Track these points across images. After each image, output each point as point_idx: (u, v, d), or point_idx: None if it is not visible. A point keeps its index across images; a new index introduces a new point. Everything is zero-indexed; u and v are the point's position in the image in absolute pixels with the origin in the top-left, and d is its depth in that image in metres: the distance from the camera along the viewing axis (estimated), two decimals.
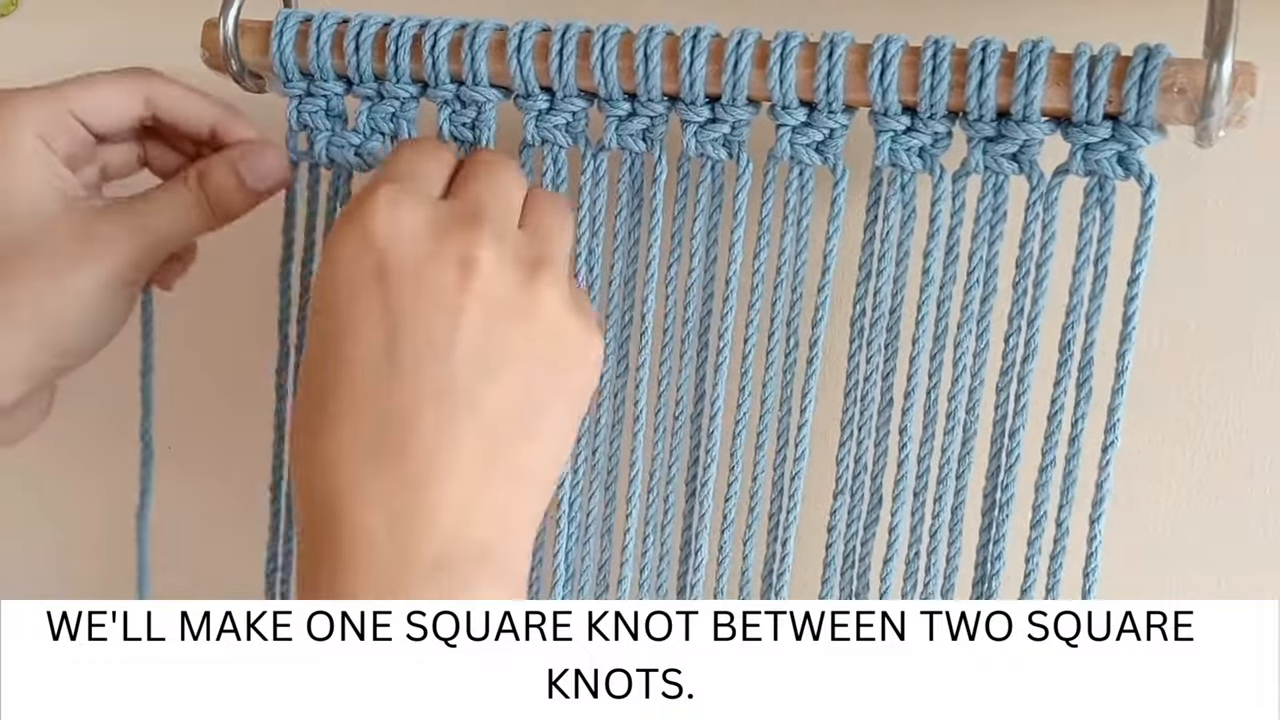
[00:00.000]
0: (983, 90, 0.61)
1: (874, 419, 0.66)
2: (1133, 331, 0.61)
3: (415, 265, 0.56)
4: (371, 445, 0.55)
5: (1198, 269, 0.70)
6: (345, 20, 0.67)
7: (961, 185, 0.63)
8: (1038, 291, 0.63)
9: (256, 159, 0.68)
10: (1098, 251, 0.62)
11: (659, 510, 0.70)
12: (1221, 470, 0.72)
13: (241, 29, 0.68)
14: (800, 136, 0.64)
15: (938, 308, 0.64)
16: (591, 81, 0.65)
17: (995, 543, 0.65)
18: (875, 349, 0.65)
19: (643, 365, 0.68)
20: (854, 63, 0.62)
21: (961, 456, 0.65)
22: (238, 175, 0.67)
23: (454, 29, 0.66)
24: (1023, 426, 0.64)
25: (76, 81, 0.66)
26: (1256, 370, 0.70)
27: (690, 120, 0.65)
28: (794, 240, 0.65)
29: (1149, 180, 0.60)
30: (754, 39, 0.63)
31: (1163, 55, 0.58)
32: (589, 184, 0.67)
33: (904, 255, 0.65)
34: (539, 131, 0.67)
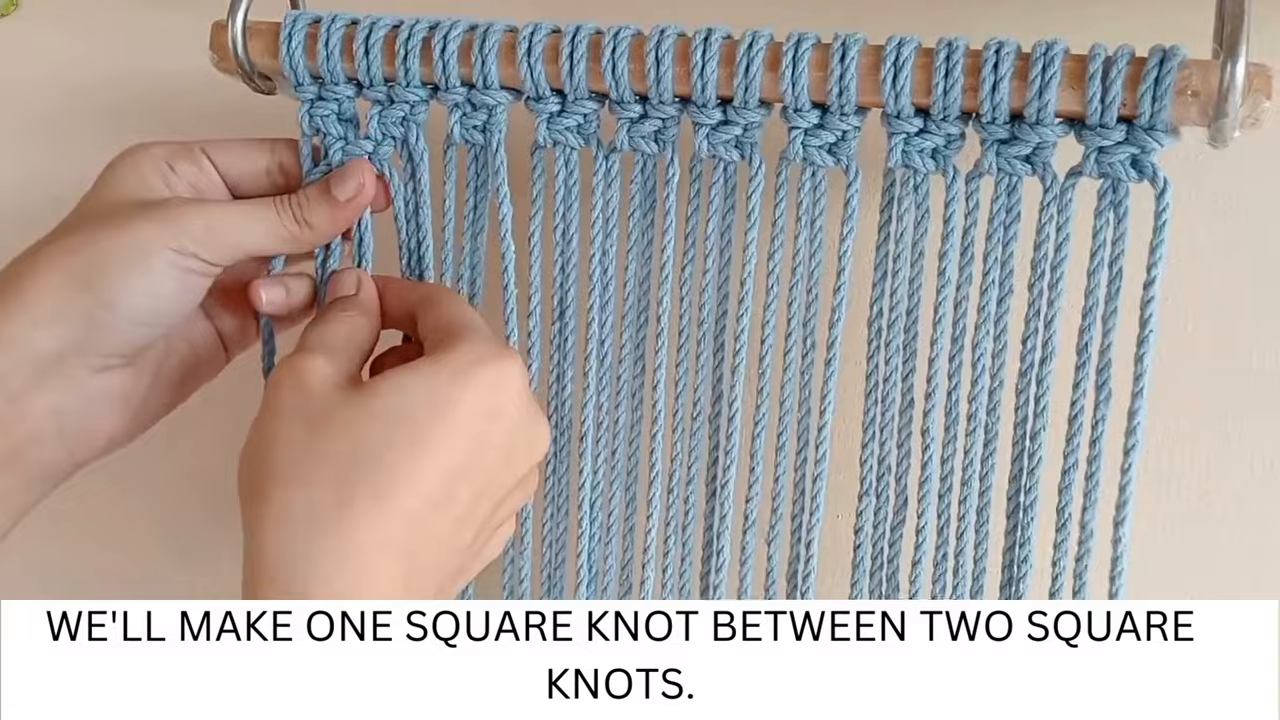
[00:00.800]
0: (996, 93, 0.60)
1: (895, 420, 0.66)
2: (1150, 334, 0.61)
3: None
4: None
5: (1197, 269, 0.69)
6: (354, 22, 0.67)
7: (975, 187, 0.63)
8: (1053, 293, 0.62)
9: (342, 170, 0.68)
10: (1112, 254, 0.61)
11: (679, 511, 0.70)
12: (1221, 470, 0.71)
13: (250, 30, 0.68)
14: (813, 138, 0.63)
15: (955, 309, 0.64)
16: (603, 83, 0.65)
17: (1022, 545, 0.65)
18: (894, 350, 0.65)
19: (659, 367, 0.67)
20: (867, 65, 0.62)
21: (985, 458, 0.65)
22: (325, 184, 0.68)
23: (464, 31, 0.66)
24: (1044, 428, 0.63)
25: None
26: (1258, 370, 0.70)
27: (702, 122, 0.64)
28: (808, 242, 0.65)
29: (1163, 183, 0.60)
30: (766, 41, 0.63)
31: (1178, 57, 0.58)
32: (601, 186, 0.67)
33: (919, 256, 0.64)
34: (551, 134, 0.66)
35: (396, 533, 0.56)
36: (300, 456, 0.57)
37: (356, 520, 0.55)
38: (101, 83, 0.82)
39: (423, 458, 0.57)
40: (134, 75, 0.81)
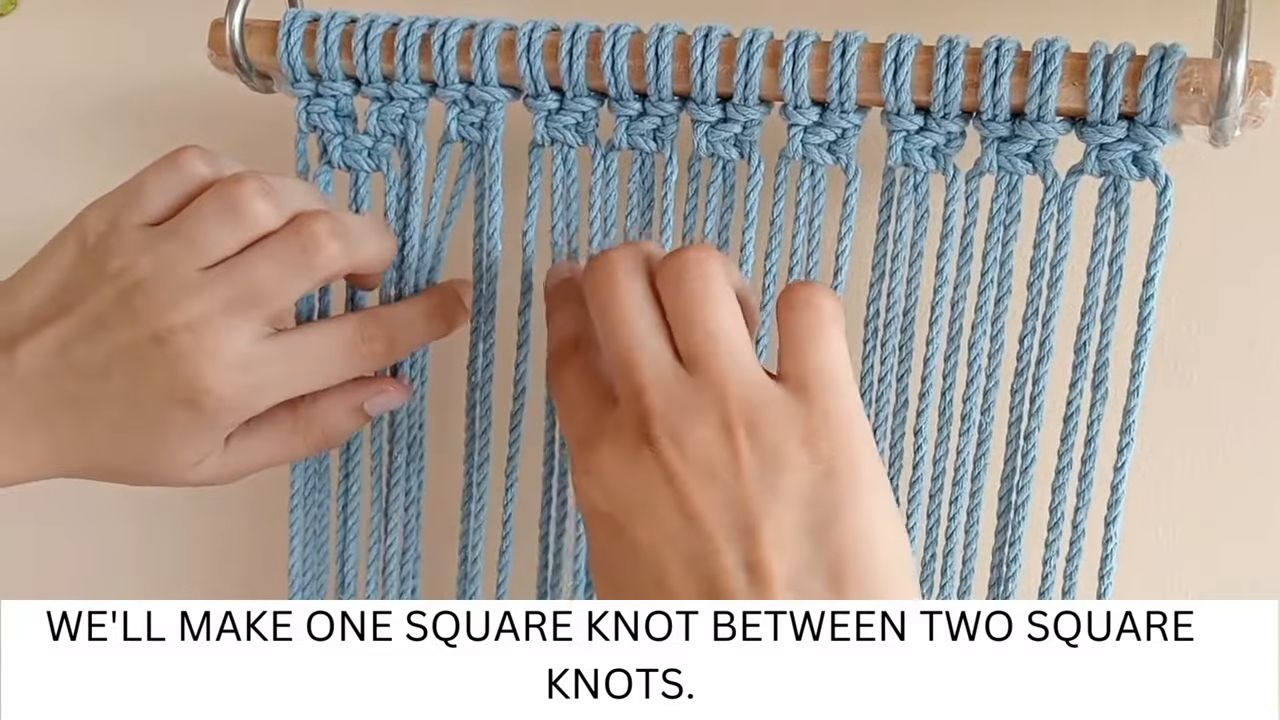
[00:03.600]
0: (997, 90, 0.60)
1: (889, 420, 0.66)
2: (1148, 333, 0.61)
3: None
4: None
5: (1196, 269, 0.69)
6: (353, 20, 0.67)
7: (975, 185, 0.63)
8: (1052, 292, 0.62)
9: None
10: (1113, 252, 0.61)
11: None
12: (1222, 470, 0.71)
13: (248, 29, 0.68)
14: (812, 136, 0.63)
15: (952, 308, 0.64)
16: (602, 81, 0.65)
17: (1011, 545, 0.65)
18: (890, 349, 0.65)
19: None
20: (867, 62, 0.62)
21: (977, 458, 0.65)
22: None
23: (463, 28, 0.66)
24: (1039, 428, 0.63)
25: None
26: (1258, 370, 0.70)
27: (701, 120, 0.64)
28: (806, 240, 0.65)
29: (1164, 181, 0.60)
30: (766, 38, 0.63)
31: (1178, 55, 0.58)
32: (599, 184, 0.67)
33: (917, 255, 0.64)
34: (549, 131, 0.66)
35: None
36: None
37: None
38: (100, 82, 0.81)
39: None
40: (133, 75, 0.81)
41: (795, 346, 0.56)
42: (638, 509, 0.54)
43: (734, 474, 0.53)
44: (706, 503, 0.53)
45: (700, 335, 0.55)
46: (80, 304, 0.61)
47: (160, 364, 0.60)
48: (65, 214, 0.63)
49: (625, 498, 0.55)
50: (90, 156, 0.75)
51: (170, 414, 0.61)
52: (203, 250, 0.60)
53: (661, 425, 0.54)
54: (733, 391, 0.54)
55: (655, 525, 0.54)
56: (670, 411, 0.54)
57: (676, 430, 0.54)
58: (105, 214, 0.62)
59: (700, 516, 0.53)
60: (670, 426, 0.54)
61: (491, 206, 0.67)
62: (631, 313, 0.57)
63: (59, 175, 0.82)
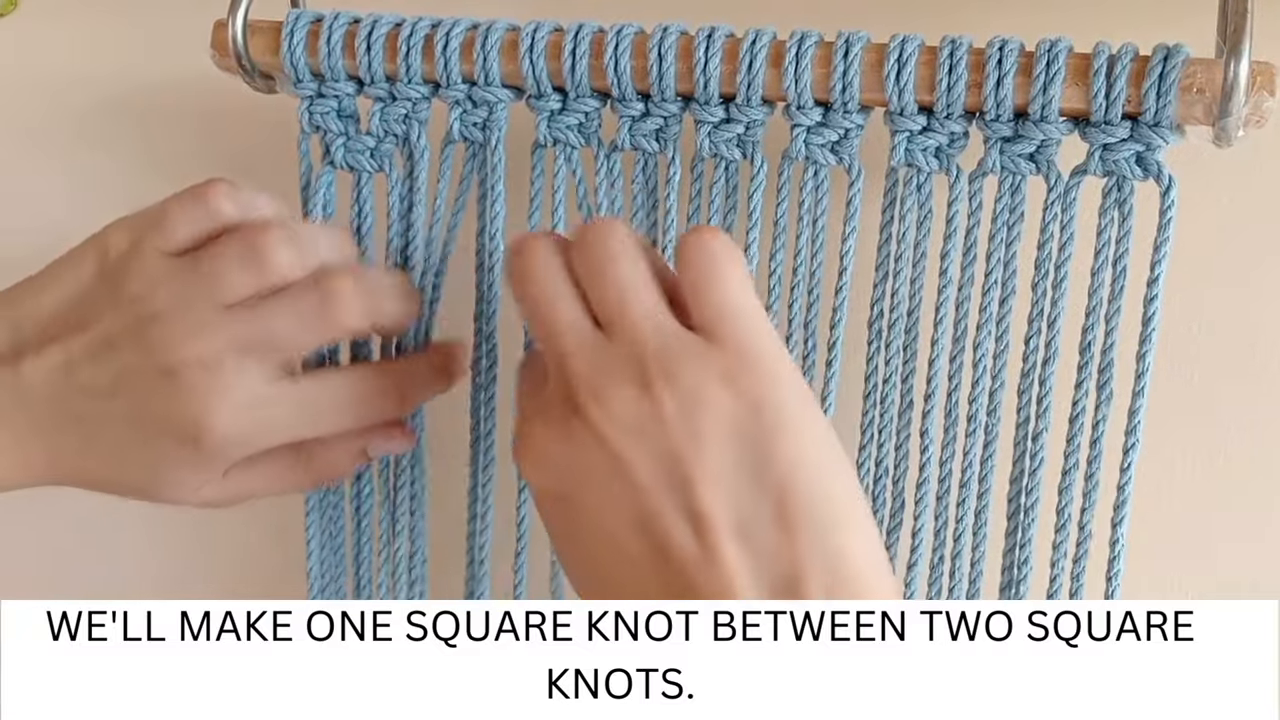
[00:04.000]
0: (1000, 90, 0.60)
1: (894, 421, 0.66)
2: (1152, 333, 0.61)
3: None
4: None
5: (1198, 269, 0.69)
6: (356, 20, 0.67)
7: (978, 185, 0.63)
8: (1057, 293, 0.62)
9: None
10: (1116, 253, 0.61)
11: None
12: (1222, 471, 0.71)
13: (251, 29, 0.68)
14: (815, 136, 0.63)
15: (956, 309, 0.64)
16: (605, 81, 0.64)
17: (1021, 547, 0.65)
18: (894, 350, 0.65)
19: None
20: (870, 62, 0.62)
21: (984, 460, 0.65)
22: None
23: (466, 29, 0.66)
24: (1046, 429, 0.63)
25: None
26: (1260, 370, 0.70)
27: (704, 120, 0.64)
28: (809, 241, 0.65)
29: (1168, 181, 0.60)
30: (769, 39, 0.62)
31: (1181, 55, 0.58)
32: (602, 185, 0.67)
33: (921, 256, 0.64)
34: (551, 132, 0.66)
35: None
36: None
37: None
38: (100, 82, 0.81)
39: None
40: (133, 75, 0.81)
41: (695, 292, 0.56)
42: (579, 480, 0.54)
43: (659, 425, 0.53)
44: (638, 460, 0.53)
45: (613, 294, 0.56)
46: (93, 323, 0.61)
47: (168, 396, 0.60)
48: (65, 214, 0.64)
49: (566, 471, 0.55)
50: (90, 156, 0.75)
51: (171, 446, 0.61)
52: (222, 290, 0.60)
53: (586, 391, 0.54)
54: (649, 346, 0.54)
55: (598, 492, 0.54)
56: (592, 375, 0.54)
57: (600, 393, 0.54)
58: (129, 234, 0.62)
59: (635, 475, 0.53)
60: (593, 390, 0.54)
61: (494, 207, 0.67)
62: (548, 289, 0.57)
63: (59, 175, 0.82)
